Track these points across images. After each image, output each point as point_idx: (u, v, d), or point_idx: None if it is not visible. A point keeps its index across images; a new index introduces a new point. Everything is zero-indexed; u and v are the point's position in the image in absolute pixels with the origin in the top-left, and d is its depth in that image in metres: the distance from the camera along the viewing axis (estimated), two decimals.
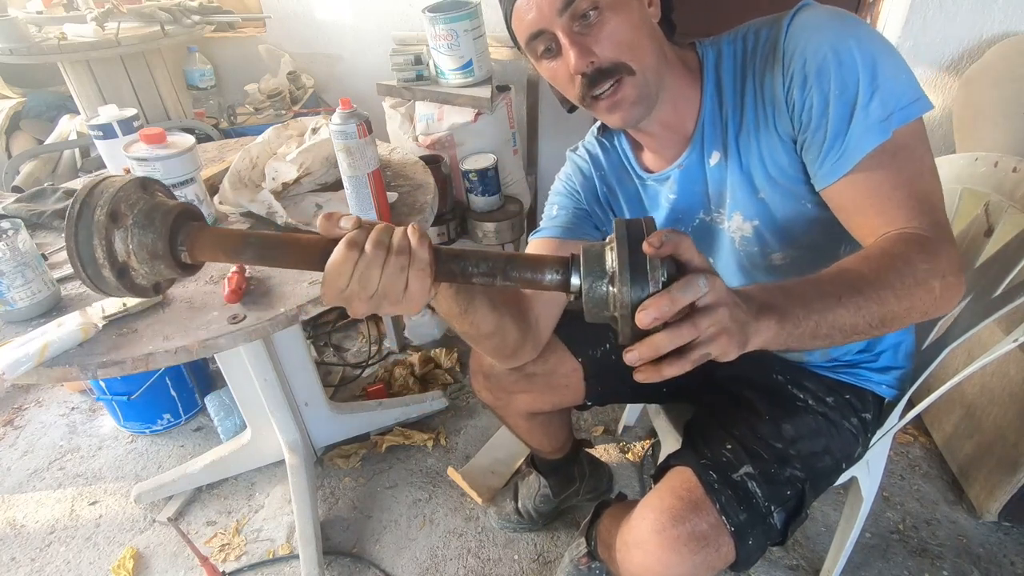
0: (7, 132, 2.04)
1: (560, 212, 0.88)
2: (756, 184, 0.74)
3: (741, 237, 0.79)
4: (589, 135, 0.92)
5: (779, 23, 0.68)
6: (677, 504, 0.73)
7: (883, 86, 0.62)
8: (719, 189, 0.78)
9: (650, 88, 0.70)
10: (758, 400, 0.87)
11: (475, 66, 1.55)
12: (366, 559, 1.31)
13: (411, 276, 0.50)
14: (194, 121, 1.84)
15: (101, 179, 0.46)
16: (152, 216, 0.46)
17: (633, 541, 0.75)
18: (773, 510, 0.76)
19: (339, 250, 0.49)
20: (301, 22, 2.01)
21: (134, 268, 0.48)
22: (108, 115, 1.03)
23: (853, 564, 1.20)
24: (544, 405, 1.02)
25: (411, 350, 1.89)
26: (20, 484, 1.56)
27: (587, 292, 0.48)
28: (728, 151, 0.74)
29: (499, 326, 0.72)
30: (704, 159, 0.77)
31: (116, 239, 0.45)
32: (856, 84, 0.63)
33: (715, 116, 0.74)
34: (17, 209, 1.10)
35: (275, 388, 1.31)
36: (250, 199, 1.05)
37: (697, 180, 0.79)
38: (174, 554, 1.35)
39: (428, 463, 1.53)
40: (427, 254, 0.51)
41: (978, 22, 1.43)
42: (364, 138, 0.93)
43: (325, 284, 0.50)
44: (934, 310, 0.60)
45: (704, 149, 0.76)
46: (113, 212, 0.44)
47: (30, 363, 0.74)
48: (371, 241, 0.50)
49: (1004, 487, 1.23)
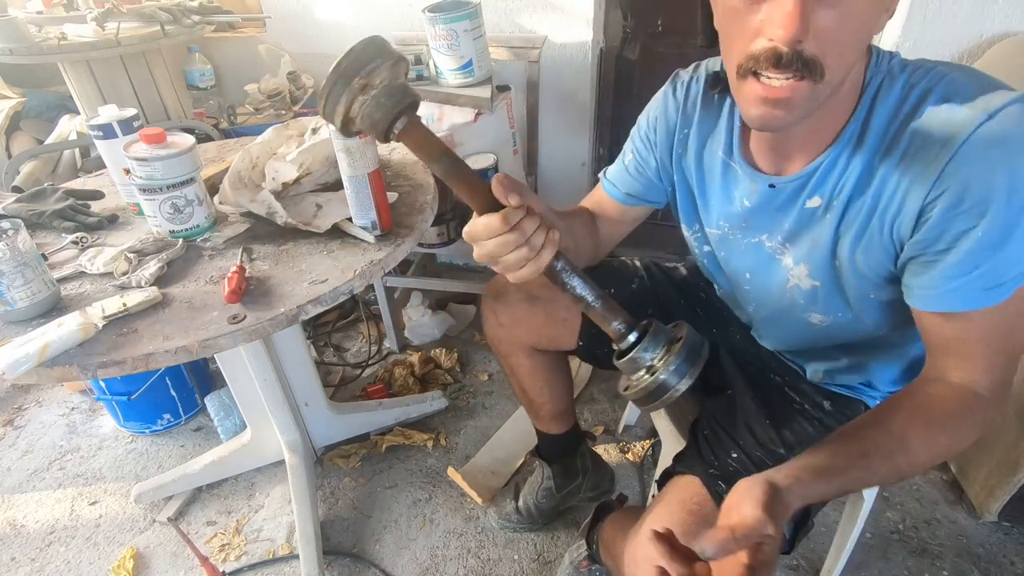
0: (7, 132, 2.04)
1: (631, 166, 0.88)
2: (839, 254, 0.69)
3: (795, 285, 0.76)
4: (697, 81, 0.80)
5: (958, 118, 0.56)
6: (688, 519, 0.71)
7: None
8: (799, 233, 0.71)
9: (818, 104, 0.58)
10: (756, 401, 0.86)
11: (475, 66, 1.55)
12: (366, 559, 1.31)
13: (527, 267, 0.58)
14: (194, 121, 1.84)
15: (370, 46, 0.55)
16: (390, 97, 0.56)
17: (643, 556, 0.70)
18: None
19: (493, 219, 0.56)
20: (301, 22, 2.01)
21: (354, 122, 0.58)
22: (108, 115, 1.03)
23: (853, 564, 1.20)
24: (542, 340, 1.01)
25: (411, 350, 1.89)
26: (20, 484, 1.56)
27: (632, 358, 0.59)
28: (831, 208, 0.67)
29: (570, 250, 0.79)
30: (803, 197, 0.69)
31: (356, 103, 0.56)
32: (1005, 236, 0.55)
33: (841, 164, 0.65)
34: (17, 209, 1.10)
35: (275, 388, 1.31)
36: (250, 199, 1.05)
37: (784, 210, 0.71)
38: (174, 554, 1.35)
39: (428, 463, 1.53)
40: (547, 260, 0.59)
41: (978, 22, 1.43)
42: (364, 138, 0.93)
43: (470, 231, 0.59)
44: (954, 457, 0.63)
45: (809, 189, 0.68)
46: (365, 85, 0.55)
47: (30, 363, 0.74)
48: (518, 228, 0.56)
49: (1004, 487, 1.23)
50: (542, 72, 1.79)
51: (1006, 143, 0.54)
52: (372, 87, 0.55)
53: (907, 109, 0.60)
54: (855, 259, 0.67)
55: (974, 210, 0.55)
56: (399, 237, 1.00)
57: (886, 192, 0.61)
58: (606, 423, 1.62)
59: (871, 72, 0.62)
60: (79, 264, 0.97)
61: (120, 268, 0.93)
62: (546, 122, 1.91)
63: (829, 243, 0.68)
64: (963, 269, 0.58)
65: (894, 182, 0.60)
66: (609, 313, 0.61)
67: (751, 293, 0.85)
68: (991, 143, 0.54)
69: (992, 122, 0.55)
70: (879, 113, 0.62)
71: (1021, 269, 0.56)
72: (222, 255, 0.99)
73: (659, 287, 1.03)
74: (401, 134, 0.58)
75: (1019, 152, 0.54)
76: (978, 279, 0.57)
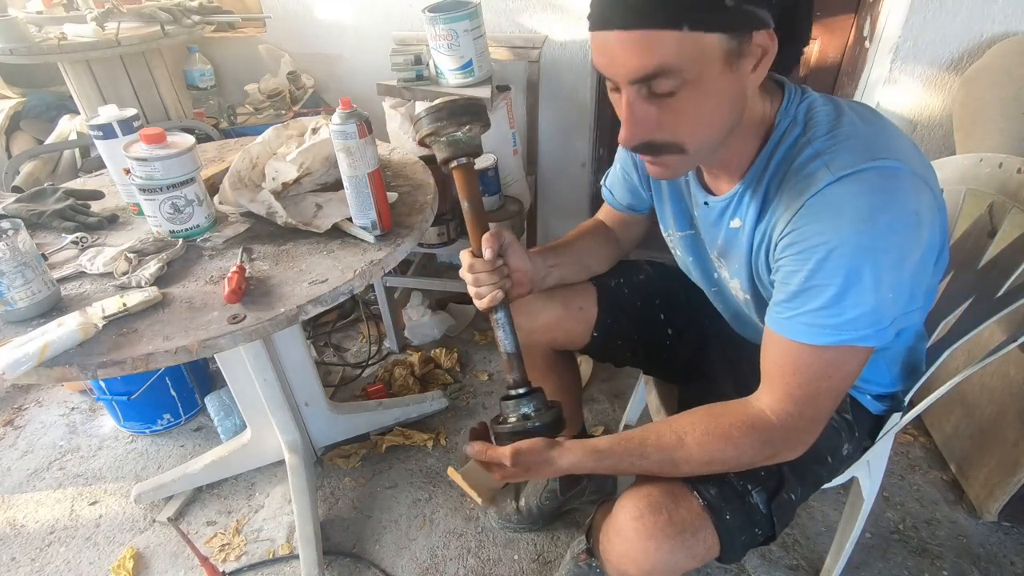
0: (7, 132, 2.04)
1: (620, 174, 0.97)
2: (755, 272, 0.76)
3: (736, 295, 0.84)
4: None
5: (818, 175, 0.62)
6: (655, 491, 0.74)
7: (846, 311, 0.62)
8: (727, 250, 0.79)
9: (698, 161, 0.70)
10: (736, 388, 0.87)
11: (475, 66, 1.55)
12: (366, 559, 1.31)
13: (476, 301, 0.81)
14: (194, 121, 1.84)
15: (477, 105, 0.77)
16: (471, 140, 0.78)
17: (614, 530, 0.76)
18: (750, 489, 0.76)
19: (464, 259, 0.82)
20: (301, 22, 2.00)
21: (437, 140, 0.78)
22: (108, 115, 1.03)
23: (853, 564, 1.20)
24: (558, 335, 1.03)
25: (411, 350, 1.89)
26: (20, 484, 1.56)
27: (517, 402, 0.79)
28: (744, 230, 0.74)
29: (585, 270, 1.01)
30: (727, 217, 0.76)
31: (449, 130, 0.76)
32: (821, 289, 0.62)
33: (749, 193, 0.72)
34: (17, 209, 1.10)
35: (275, 388, 1.31)
36: (250, 199, 1.05)
37: (716, 226, 0.79)
38: (174, 554, 1.35)
39: (428, 463, 1.53)
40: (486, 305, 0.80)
41: (978, 22, 1.43)
42: (364, 138, 0.93)
43: (461, 257, 0.83)
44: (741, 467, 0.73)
45: (730, 211, 0.76)
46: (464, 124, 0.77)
47: (30, 363, 0.74)
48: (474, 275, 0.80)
49: (1004, 487, 1.23)
50: (542, 72, 1.79)
51: (837, 206, 0.60)
52: (467, 126, 0.76)
53: (792, 156, 0.66)
54: (761, 275, 0.74)
55: (800, 256, 0.63)
56: (399, 237, 1.00)
57: (772, 221, 0.69)
58: (606, 423, 1.62)
59: (780, 115, 0.68)
60: (79, 264, 0.97)
61: (120, 268, 0.93)
62: (546, 122, 1.91)
63: (748, 261, 0.75)
64: (793, 305, 0.65)
65: (776, 215, 0.68)
66: (518, 364, 0.80)
67: (716, 295, 0.93)
68: (826, 204, 0.61)
69: (835, 185, 0.61)
70: (777, 156, 0.68)
71: (837, 322, 0.62)
72: (222, 255, 0.99)
73: (662, 279, 1.07)
74: (459, 167, 0.78)
75: (842, 217, 0.60)
76: (805, 315, 0.64)
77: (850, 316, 0.62)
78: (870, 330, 0.63)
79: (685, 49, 0.56)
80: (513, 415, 0.78)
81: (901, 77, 1.55)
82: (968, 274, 0.95)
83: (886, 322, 0.63)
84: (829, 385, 0.67)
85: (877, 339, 0.64)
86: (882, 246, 0.60)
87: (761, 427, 0.68)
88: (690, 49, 0.56)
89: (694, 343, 1.05)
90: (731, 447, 0.69)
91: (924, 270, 0.68)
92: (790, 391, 0.68)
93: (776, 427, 0.68)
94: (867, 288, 0.61)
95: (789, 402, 0.68)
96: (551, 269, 0.94)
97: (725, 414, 0.71)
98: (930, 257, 0.68)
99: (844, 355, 0.65)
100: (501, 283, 0.80)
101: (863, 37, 1.67)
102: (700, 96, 0.59)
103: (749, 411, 0.70)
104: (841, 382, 0.67)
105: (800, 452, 0.71)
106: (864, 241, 0.59)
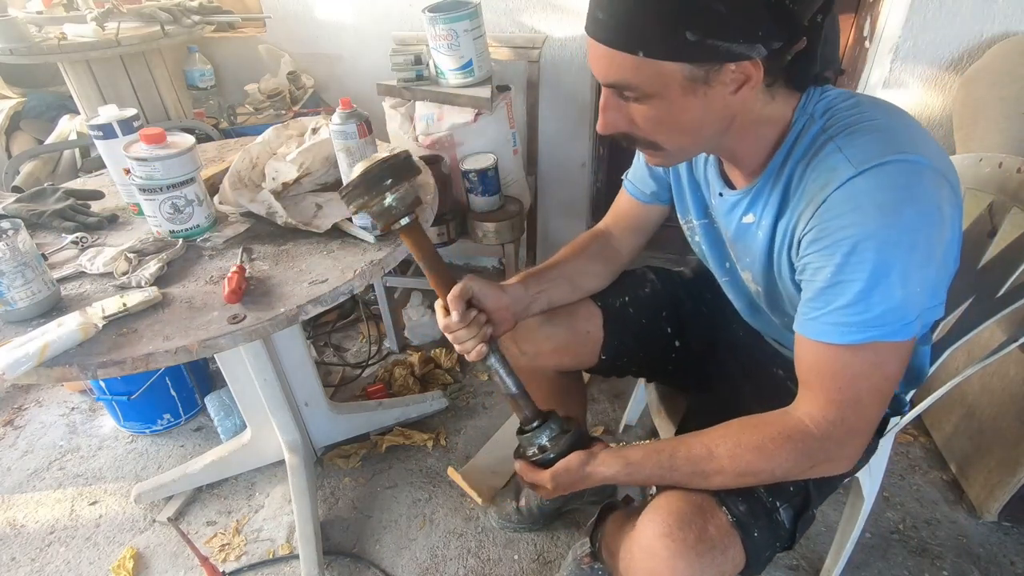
0: (7, 132, 2.04)
1: (641, 168, 0.95)
2: (775, 266, 0.75)
3: (748, 284, 0.84)
4: None
5: (840, 169, 0.61)
6: (684, 507, 0.72)
7: (873, 307, 0.61)
8: (738, 241, 0.79)
9: (687, 156, 0.75)
10: (752, 394, 0.87)
11: (475, 66, 1.55)
12: (366, 559, 1.31)
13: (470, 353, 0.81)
14: (194, 121, 1.84)
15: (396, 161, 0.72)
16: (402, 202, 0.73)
17: (639, 547, 0.73)
18: (779, 506, 0.75)
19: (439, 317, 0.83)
20: (301, 22, 2.00)
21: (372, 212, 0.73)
22: (108, 115, 1.03)
23: (853, 564, 1.20)
24: (565, 359, 1.02)
25: (411, 350, 1.89)
26: (20, 484, 1.56)
27: (531, 436, 0.81)
28: (761, 226, 0.73)
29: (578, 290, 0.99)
30: (739, 212, 0.76)
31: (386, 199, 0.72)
32: (848, 286, 0.61)
33: (767, 191, 0.72)
34: (17, 209, 1.10)
35: (275, 388, 1.31)
36: (250, 199, 1.05)
37: (728, 217, 0.79)
38: (174, 554, 1.35)
39: (428, 463, 1.53)
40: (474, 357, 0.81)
41: (978, 22, 1.43)
42: (364, 138, 0.93)
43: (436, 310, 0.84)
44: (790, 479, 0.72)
45: (744, 207, 0.75)
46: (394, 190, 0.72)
47: (30, 363, 0.74)
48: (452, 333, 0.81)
49: (1004, 487, 1.23)
50: (542, 72, 1.79)
51: (860, 199, 0.60)
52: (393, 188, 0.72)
53: (812, 152, 0.65)
54: (783, 273, 0.73)
55: (825, 251, 0.62)
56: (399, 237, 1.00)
57: (793, 219, 0.68)
58: (606, 423, 1.62)
59: (798, 113, 0.68)
60: (79, 264, 0.97)
61: (120, 268, 0.93)
62: (546, 122, 1.91)
63: (765, 255, 0.75)
64: (819, 303, 0.64)
65: (798, 212, 0.67)
66: (524, 402, 0.81)
67: (728, 284, 0.92)
68: (850, 197, 0.60)
69: (858, 178, 0.60)
70: (796, 153, 0.67)
71: (864, 319, 0.61)
72: (222, 255, 0.99)
73: (668, 290, 1.06)
74: (402, 229, 0.75)
75: (867, 211, 0.59)
76: (831, 314, 0.63)
77: (877, 312, 0.61)
78: (898, 324, 0.61)
79: (642, 72, 0.60)
80: (531, 449, 0.80)
81: (901, 77, 1.55)
82: (968, 274, 0.95)
83: (912, 316, 0.62)
84: (870, 386, 0.65)
85: (904, 333, 0.62)
86: (908, 240, 0.59)
87: (798, 438, 0.66)
88: (647, 72, 0.60)
89: (701, 352, 1.04)
90: (764, 459, 0.67)
91: (946, 266, 0.67)
92: (830, 396, 0.65)
93: (814, 437, 0.66)
94: (894, 283, 0.60)
95: (831, 408, 0.65)
96: (537, 295, 0.92)
97: (761, 425, 0.69)
98: (951, 254, 0.66)
99: (879, 353, 0.63)
100: (481, 334, 0.80)
101: (863, 37, 1.67)
102: (667, 107, 0.62)
103: (787, 421, 0.68)
104: (883, 381, 0.65)
105: (844, 466, 0.69)
106: (892, 235, 0.59)
